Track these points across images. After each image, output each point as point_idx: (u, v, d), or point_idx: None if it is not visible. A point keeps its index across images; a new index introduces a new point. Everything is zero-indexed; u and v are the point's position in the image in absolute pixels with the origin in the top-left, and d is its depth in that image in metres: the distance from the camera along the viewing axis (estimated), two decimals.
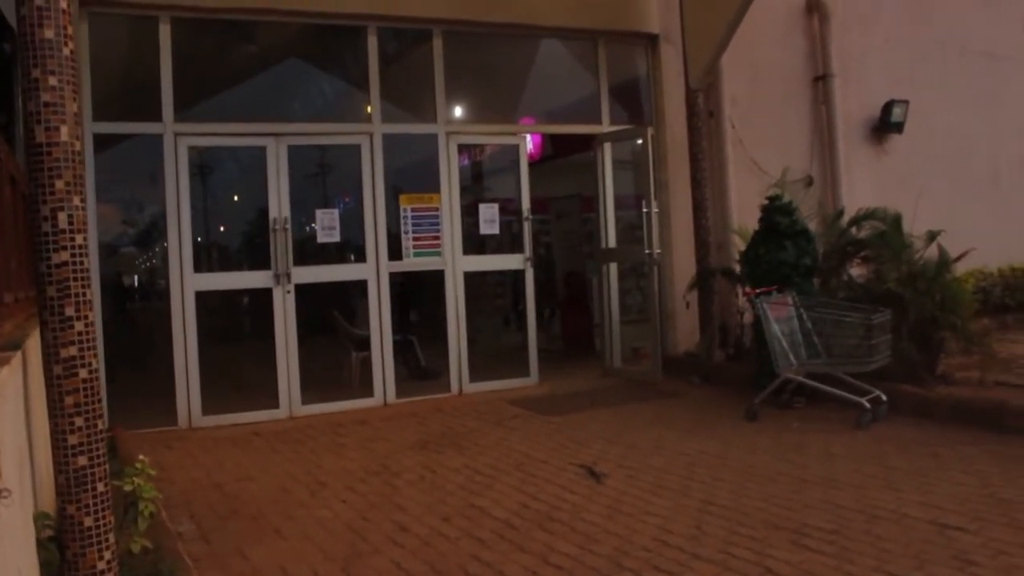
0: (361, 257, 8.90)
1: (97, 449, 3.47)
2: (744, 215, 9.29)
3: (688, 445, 6.62)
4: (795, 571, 4.08)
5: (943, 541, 4.35)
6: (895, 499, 5.02)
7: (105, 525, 3.49)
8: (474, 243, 10.01)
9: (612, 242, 10.14)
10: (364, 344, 8.99)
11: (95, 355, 3.51)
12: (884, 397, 6.95)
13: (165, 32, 8.05)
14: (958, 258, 7.73)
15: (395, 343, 9.03)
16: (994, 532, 4.43)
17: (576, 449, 6.67)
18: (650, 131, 9.64)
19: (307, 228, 10.43)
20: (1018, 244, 7.40)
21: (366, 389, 8.85)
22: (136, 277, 21.06)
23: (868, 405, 6.80)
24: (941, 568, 4.01)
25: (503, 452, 6.71)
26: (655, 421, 7.54)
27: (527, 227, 9.62)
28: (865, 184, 10.80)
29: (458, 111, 9.92)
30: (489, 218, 9.60)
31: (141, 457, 4.51)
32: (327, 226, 8.77)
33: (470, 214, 9.78)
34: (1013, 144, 12.24)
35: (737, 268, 8.58)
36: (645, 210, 9.46)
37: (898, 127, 11.45)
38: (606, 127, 10.15)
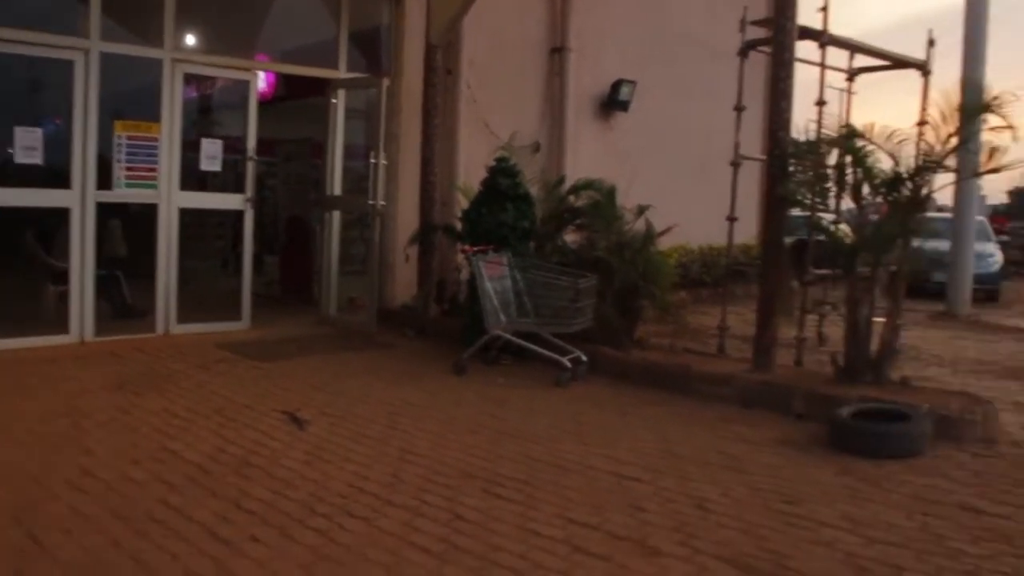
0: (66, 183, 8.15)
1: None
2: (471, 175, 9.40)
3: (395, 395, 6.64)
4: (483, 517, 4.19)
5: (621, 490, 4.64)
6: (583, 452, 5.29)
7: None
8: (194, 179, 9.48)
9: (338, 190, 9.96)
10: (62, 277, 8.29)
11: None
12: (584, 358, 7.31)
13: None
14: (662, 233, 8.23)
15: (99, 278, 8.40)
16: (665, 482, 4.78)
17: (281, 395, 6.50)
18: (385, 82, 9.51)
19: (9, 149, 9.44)
20: (718, 227, 8.01)
21: (61, 325, 8.18)
22: None
23: (569, 365, 7.12)
24: (616, 514, 4.28)
25: (204, 396, 6.43)
26: (365, 371, 7.51)
27: (251, 167, 9.24)
28: (589, 156, 11.28)
29: (188, 39, 9.29)
30: (211, 154, 9.11)
31: None
32: (27, 146, 7.92)
33: (193, 149, 9.22)
34: (722, 136, 13.15)
35: (459, 226, 8.68)
36: (373, 161, 9.35)
37: (624, 105, 12.06)
38: (342, 73, 9.91)
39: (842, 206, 7.15)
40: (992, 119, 6.42)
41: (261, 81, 10.07)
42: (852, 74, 8.57)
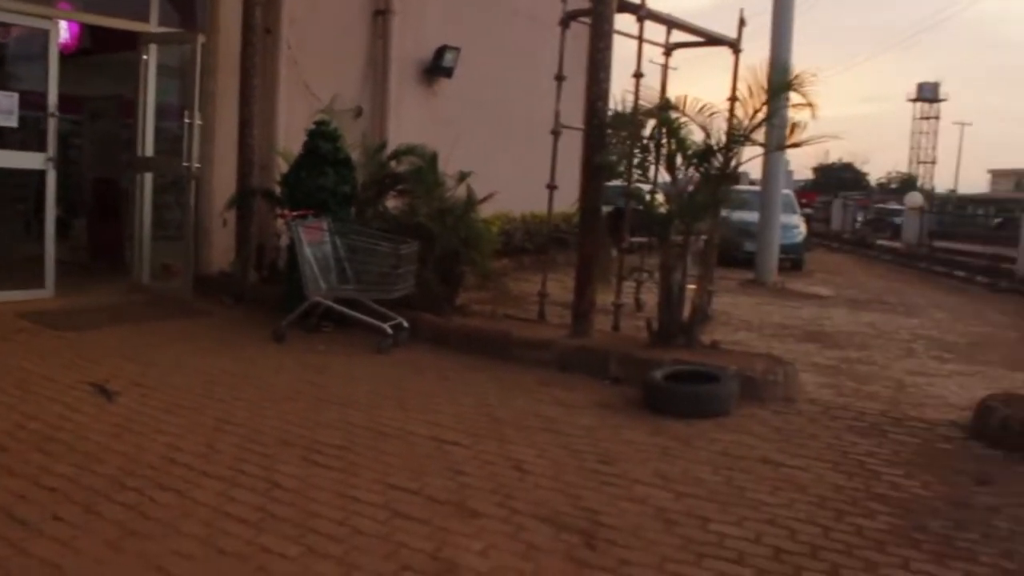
0: None
1: None
2: (292, 138, 9.13)
3: (211, 364, 6.44)
4: (301, 484, 4.14)
5: (440, 455, 4.69)
6: (403, 418, 5.30)
7: None
8: None
9: (150, 151, 9.51)
10: None
11: None
12: (406, 324, 7.31)
13: None
14: (483, 200, 8.30)
15: None
16: (484, 446, 4.86)
17: (88, 367, 6.18)
18: (201, 39, 9.12)
19: None
20: (541, 195, 8.15)
21: None
22: None
23: (390, 331, 7.11)
24: (435, 479, 4.32)
25: (2, 370, 6.02)
26: (179, 339, 7.24)
27: (52, 124, 8.66)
28: (412, 122, 11.20)
29: None
30: (7, 108, 8.47)
31: None
32: None
33: None
34: (545, 105, 13.35)
35: (278, 190, 8.46)
36: (188, 121, 8.97)
37: (448, 72, 12.03)
38: (154, 27, 9.42)
39: (662, 177, 7.41)
40: (795, 97, 6.81)
41: (63, 31, 9.44)
42: (669, 49, 8.84)
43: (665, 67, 8.73)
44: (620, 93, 7.39)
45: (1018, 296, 15.21)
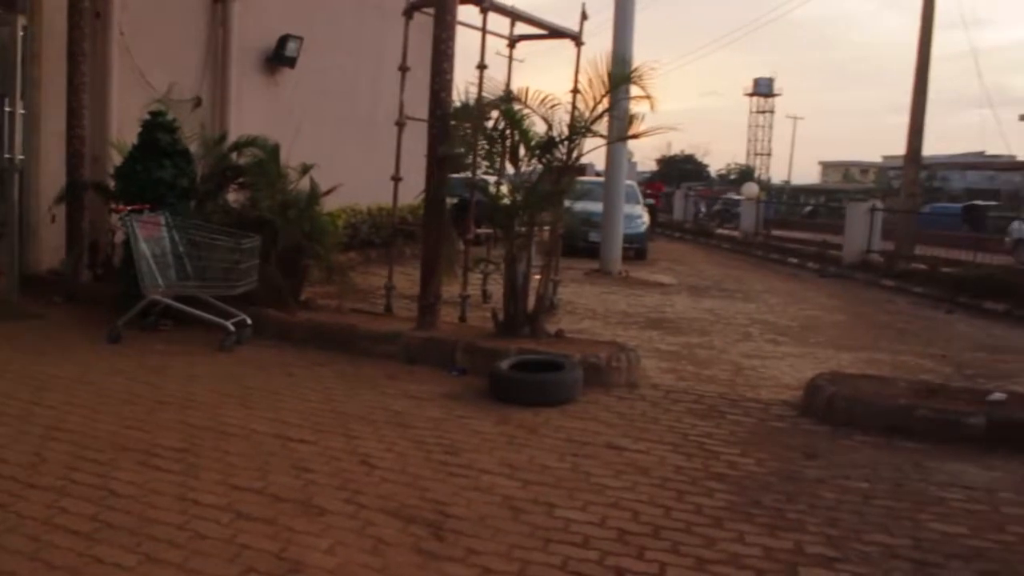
0: None
1: None
2: (126, 129, 8.74)
3: (40, 368, 6.11)
4: (138, 490, 4.00)
5: (286, 453, 4.62)
6: (247, 416, 5.20)
7: None
8: None
9: None
10: None
11: None
12: (249, 321, 7.14)
13: None
14: (327, 192, 8.19)
15: None
16: (330, 442, 4.82)
17: None
18: (21, 20, 8.62)
19: None
20: (387, 187, 8.11)
21: None
22: None
23: (232, 328, 6.93)
24: (281, 476, 4.26)
25: None
26: (4, 343, 6.84)
27: None
28: (255, 113, 10.94)
29: None
30: None
31: None
32: None
33: None
34: (391, 96, 13.27)
35: (112, 183, 8.10)
36: (8, 110, 8.48)
37: (291, 61, 11.79)
38: None
39: (508, 169, 7.49)
40: (635, 90, 7.01)
41: None
42: (513, 41, 8.95)
43: (510, 59, 8.84)
44: (464, 84, 7.44)
45: (844, 280, 16.16)
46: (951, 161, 54.72)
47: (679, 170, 69.33)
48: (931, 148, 33.62)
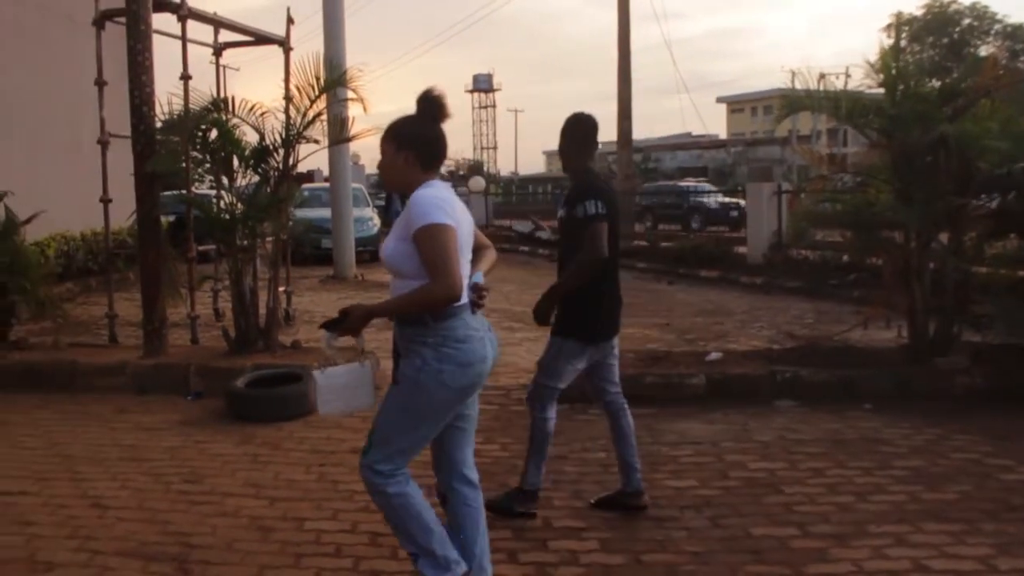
0: None
1: None
2: None
3: None
4: None
5: (1, 509, 4.20)
6: None
7: None
8: None
9: None
10: None
11: None
12: None
13: None
14: (25, 221, 7.53)
15: None
16: (56, 489, 4.46)
17: None
18: None
19: None
20: (99, 209, 7.57)
21: None
22: None
23: None
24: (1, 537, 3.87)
25: None
26: None
27: None
28: None
29: None
30: None
31: None
32: None
33: None
34: (92, 112, 12.47)
35: None
36: None
37: None
38: None
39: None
40: (349, 93, 6.95)
41: None
42: (218, 49, 8.62)
43: (218, 67, 8.51)
44: (169, 97, 7.06)
45: None
46: (661, 144, 58.70)
47: None
48: (642, 132, 35.97)
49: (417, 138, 2.98)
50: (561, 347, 3.99)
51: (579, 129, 4.10)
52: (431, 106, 3.01)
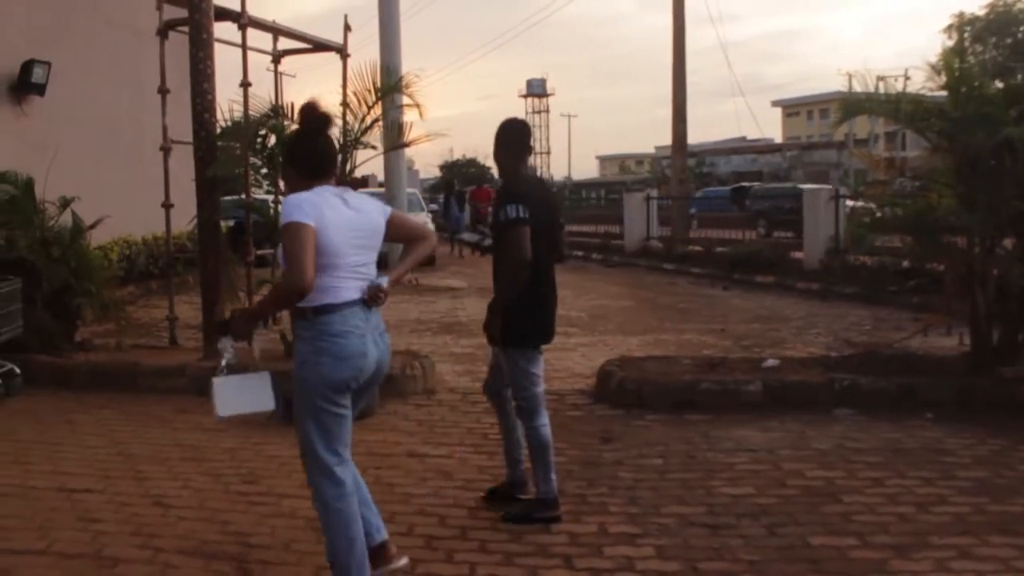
0: None
1: None
2: None
3: None
4: None
5: (69, 506, 4.32)
6: (22, 473, 4.81)
7: None
8: None
9: None
10: None
11: None
12: (18, 370, 6.59)
13: None
14: (92, 226, 7.70)
15: None
16: (120, 487, 4.56)
17: None
18: None
19: None
20: (161, 215, 7.71)
21: None
22: None
23: (0, 380, 6.40)
24: (66, 532, 3.98)
25: None
26: None
27: None
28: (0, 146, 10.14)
29: None
30: None
31: None
32: None
33: None
34: (154, 120, 12.71)
35: None
36: None
37: (40, 89, 11.00)
38: None
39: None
40: (405, 99, 7.00)
41: None
42: (277, 56, 8.74)
43: (276, 74, 8.63)
44: (230, 104, 7.18)
45: (628, 268, 16.86)
46: (716, 147, 58.29)
47: (462, 174, 70.14)
48: (697, 136, 35.71)
49: (296, 154, 3.30)
50: (518, 359, 4.10)
51: (509, 135, 4.25)
52: (311, 120, 3.30)
